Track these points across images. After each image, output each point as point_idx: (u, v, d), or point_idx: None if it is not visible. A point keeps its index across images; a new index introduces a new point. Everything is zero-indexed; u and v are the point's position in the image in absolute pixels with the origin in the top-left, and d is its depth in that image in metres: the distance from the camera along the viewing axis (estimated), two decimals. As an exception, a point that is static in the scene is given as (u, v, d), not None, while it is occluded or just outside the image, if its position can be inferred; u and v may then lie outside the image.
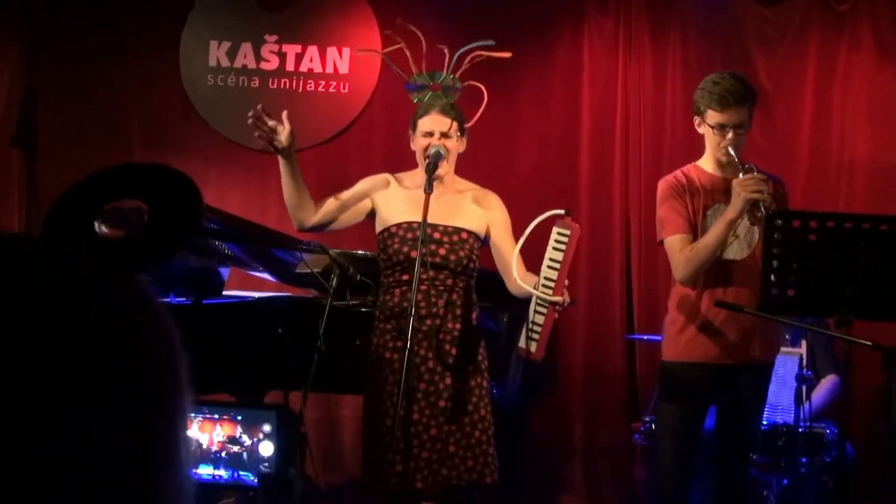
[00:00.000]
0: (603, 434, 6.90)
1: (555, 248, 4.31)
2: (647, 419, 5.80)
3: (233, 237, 5.42)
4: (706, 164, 4.65)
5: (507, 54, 5.33)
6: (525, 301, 4.52)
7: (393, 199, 4.69)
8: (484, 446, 4.57)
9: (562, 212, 4.37)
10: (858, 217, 3.99)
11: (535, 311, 4.35)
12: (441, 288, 4.56)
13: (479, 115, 4.97)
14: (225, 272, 5.95)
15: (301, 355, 4.81)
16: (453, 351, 4.56)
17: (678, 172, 4.66)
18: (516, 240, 4.55)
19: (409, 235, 4.57)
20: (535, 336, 4.34)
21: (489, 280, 4.91)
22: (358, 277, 4.82)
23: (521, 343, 4.41)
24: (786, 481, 5.42)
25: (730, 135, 4.49)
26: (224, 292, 5.76)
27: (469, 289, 4.65)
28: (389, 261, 4.62)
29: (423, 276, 4.43)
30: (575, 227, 4.31)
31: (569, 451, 6.96)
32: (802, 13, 6.86)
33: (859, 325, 4.00)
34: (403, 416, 4.34)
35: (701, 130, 4.62)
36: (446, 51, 5.25)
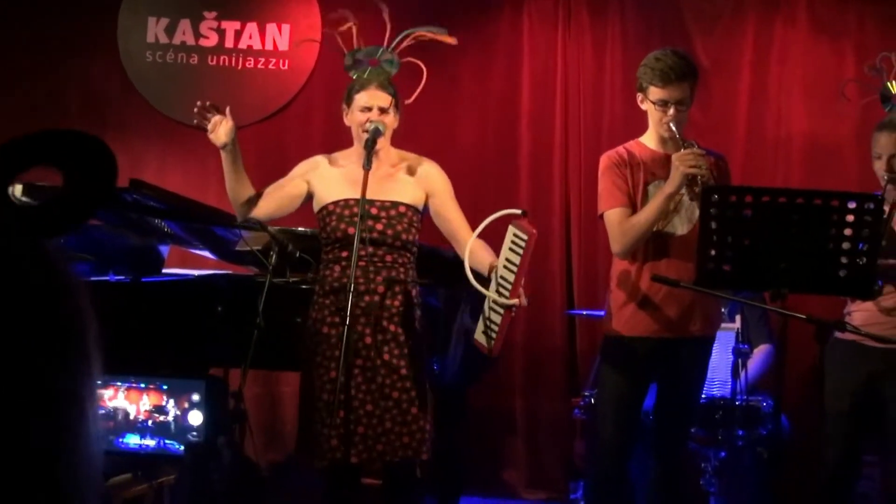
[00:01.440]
0: (543, 409, 6.94)
1: (511, 250, 4.29)
2: (587, 394, 5.84)
3: (172, 215, 5.39)
4: (648, 139, 4.68)
5: (453, 40, 5.32)
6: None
7: (329, 179, 4.68)
8: (421, 422, 4.57)
9: (519, 212, 4.36)
10: (792, 192, 4.02)
11: (492, 311, 4.34)
12: (380, 264, 4.56)
13: (417, 92, 4.97)
14: (164, 250, 5.93)
15: (241, 333, 4.80)
16: (392, 327, 4.56)
17: (620, 148, 4.69)
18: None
19: (347, 212, 4.57)
20: (493, 334, 4.33)
21: (428, 256, 4.92)
22: (297, 254, 4.81)
23: (478, 337, 4.41)
24: (723, 454, 5.48)
25: (671, 111, 4.51)
26: (163, 270, 5.74)
27: (409, 265, 4.65)
28: (329, 238, 4.62)
29: (362, 253, 4.43)
30: (532, 232, 4.27)
31: (510, 427, 7.00)
32: (739, -10, 6.92)
33: (794, 298, 4.05)
34: (340, 392, 4.33)
35: (643, 107, 4.64)
36: (387, 19, 5.23)
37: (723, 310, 5.45)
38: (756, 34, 6.86)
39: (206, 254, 6.11)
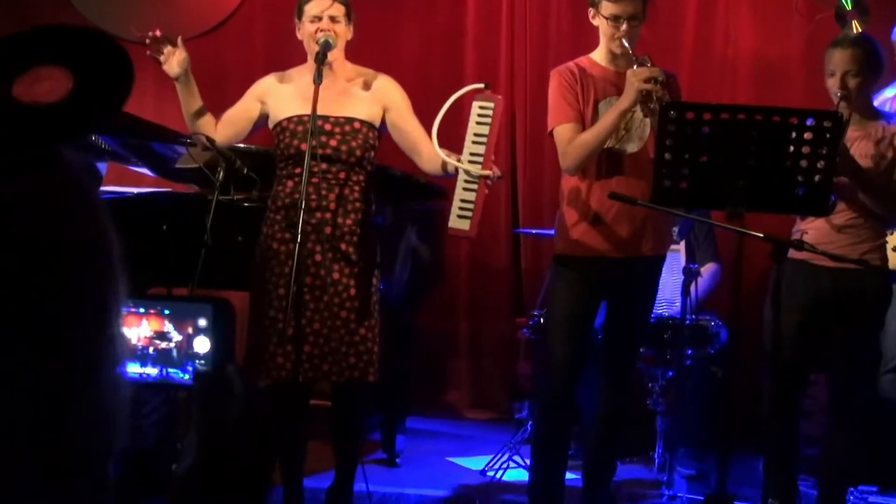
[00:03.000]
0: (487, 330, 6.92)
1: (479, 123, 4.29)
2: (535, 313, 5.80)
3: (114, 131, 5.25)
4: (599, 56, 4.60)
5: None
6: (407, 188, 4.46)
7: (282, 95, 4.61)
8: (369, 344, 4.52)
9: (481, 85, 4.37)
10: (751, 108, 3.98)
11: (464, 189, 4.32)
12: (333, 181, 4.47)
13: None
14: (102, 167, 5.78)
15: (186, 251, 4.70)
16: (342, 246, 4.49)
17: (570, 63, 4.60)
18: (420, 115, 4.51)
19: (300, 128, 4.48)
20: (468, 213, 4.31)
21: (375, 174, 4.83)
22: (245, 170, 4.70)
23: (452, 223, 4.36)
24: (671, 373, 5.48)
25: (624, 26, 4.44)
26: (101, 188, 5.59)
27: (364, 183, 4.56)
28: (283, 154, 4.55)
29: (315, 169, 4.34)
30: (497, 98, 4.32)
31: (453, 348, 6.98)
32: None
33: (748, 216, 4.01)
34: (287, 308, 4.26)
35: (595, 22, 4.55)
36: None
37: (674, 229, 5.43)
38: (704, -51, 6.79)
39: (145, 171, 5.97)
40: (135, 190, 5.65)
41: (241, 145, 4.91)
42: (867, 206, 4.61)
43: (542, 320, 5.57)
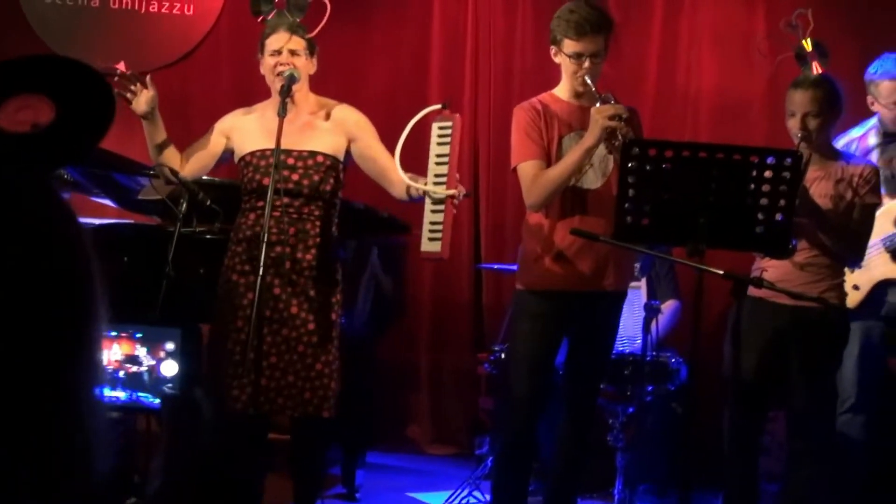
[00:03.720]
0: (449, 364, 6.92)
1: (439, 143, 4.32)
2: (496, 348, 5.80)
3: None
4: (562, 92, 4.62)
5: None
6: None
7: (247, 130, 4.64)
8: (325, 380, 4.53)
9: (439, 106, 4.40)
10: (713, 147, 4.01)
11: (432, 211, 4.34)
12: (294, 215, 4.49)
13: (321, 26, 4.83)
14: (65, 197, 5.74)
15: (149, 284, 4.68)
16: (301, 281, 4.50)
17: (534, 100, 4.62)
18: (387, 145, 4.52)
19: (263, 163, 4.52)
20: (438, 235, 4.32)
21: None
22: (208, 202, 4.70)
23: (424, 247, 4.37)
24: (631, 409, 5.49)
25: (586, 63, 4.47)
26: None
27: (327, 217, 4.57)
28: (246, 188, 4.58)
29: (277, 203, 4.34)
30: (456, 117, 4.34)
31: (415, 382, 6.97)
32: (650, -57, 6.89)
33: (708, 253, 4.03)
34: (245, 341, 4.26)
35: (557, 60, 4.58)
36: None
37: (637, 264, 5.46)
38: (666, -13, 6.86)
39: (107, 202, 5.95)
40: (96, 221, 5.62)
41: (205, 177, 4.91)
42: (826, 245, 4.65)
43: (503, 355, 5.57)
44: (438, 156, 4.31)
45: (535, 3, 6.80)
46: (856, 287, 5.19)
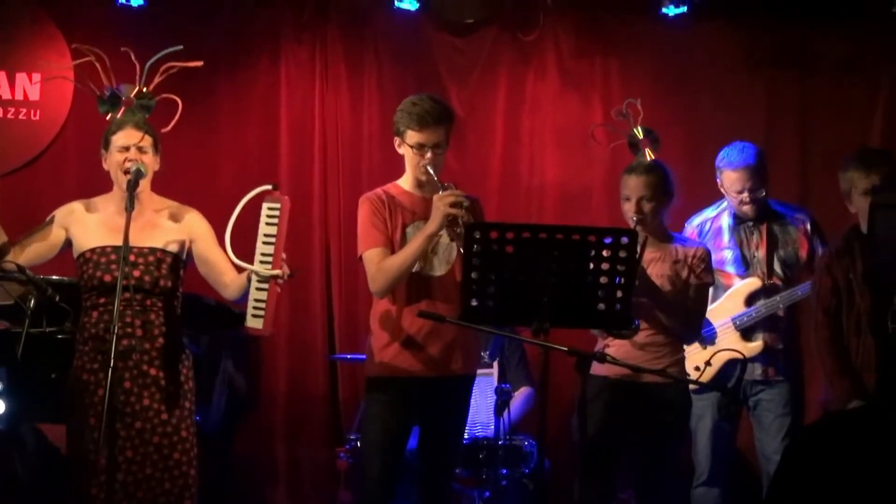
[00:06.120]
0: (307, 456, 6.89)
1: (267, 223, 4.43)
2: (351, 437, 5.83)
3: None
4: (406, 183, 4.73)
5: (198, 63, 5.28)
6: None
7: (87, 225, 4.64)
8: (184, 468, 4.54)
9: (269, 186, 4.49)
10: (552, 228, 4.08)
11: (257, 289, 4.43)
12: (138, 308, 4.51)
13: (173, 123, 4.91)
14: None
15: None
16: (152, 371, 4.52)
17: (378, 190, 4.73)
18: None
19: (103, 260, 4.53)
20: (261, 312, 4.40)
21: (190, 304, 4.85)
22: (57, 298, 4.66)
23: (248, 323, 4.45)
24: (487, 493, 5.55)
25: (429, 154, 4.59)
26: None
27: (169, 308, 4.61)
28: (86, 285, 4.58)
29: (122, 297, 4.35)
30: (284, 199, 4.47)
31: (273, 476, 6.92)
32: (491, 43, 7.11)
33: (554, 333, 4.12)
34: (98, 439, 4.27)
35: (401, 151, 4.70)
36: (135, 60, 5.13)
37: (485, 353, 5.55)
38: (508, 86, 7.08)
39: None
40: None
41: (54, 277, 4.88)
42: (664, 323, 4.80)
43: (358, 443, 5.60)
44: (266, 235, 4.43)
45: (380, 100, 6.95)
46: (708, 363, 5.37)
